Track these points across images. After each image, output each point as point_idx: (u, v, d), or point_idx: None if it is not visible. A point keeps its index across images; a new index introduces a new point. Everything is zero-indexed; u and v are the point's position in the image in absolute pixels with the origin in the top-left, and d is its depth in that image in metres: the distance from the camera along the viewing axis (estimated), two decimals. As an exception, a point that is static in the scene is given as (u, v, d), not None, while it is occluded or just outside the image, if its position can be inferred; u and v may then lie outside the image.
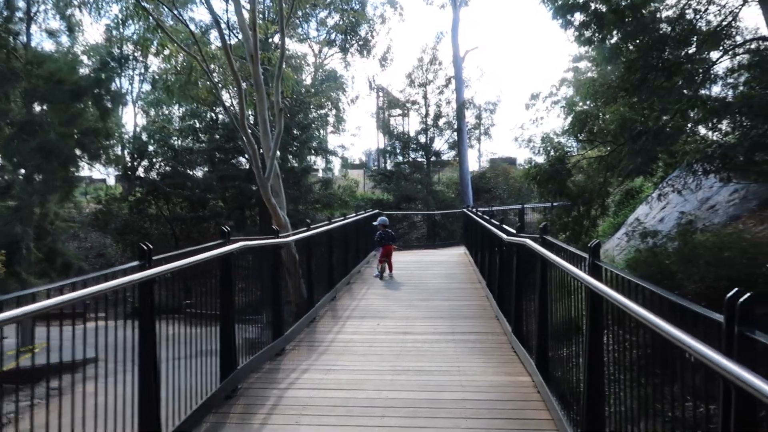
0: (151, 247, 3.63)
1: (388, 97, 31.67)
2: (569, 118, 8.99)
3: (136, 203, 25.67)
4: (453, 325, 7.40)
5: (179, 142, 26.65)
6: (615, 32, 9.29)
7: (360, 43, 32.01)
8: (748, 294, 1.81)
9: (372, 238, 12.62)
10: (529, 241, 5.05)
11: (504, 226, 7.38)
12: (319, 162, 29.36)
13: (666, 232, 13.08)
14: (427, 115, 30.16)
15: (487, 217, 9.38)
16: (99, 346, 3.10)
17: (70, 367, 2.94)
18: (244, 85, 9.22)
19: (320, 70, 33.18)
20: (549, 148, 8.90)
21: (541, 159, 9.23)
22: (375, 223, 12.06)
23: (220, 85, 11.05)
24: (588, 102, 8.74)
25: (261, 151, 10.38)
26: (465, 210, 15.83)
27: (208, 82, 9.58)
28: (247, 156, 24.88)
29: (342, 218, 10.78)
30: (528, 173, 8.90)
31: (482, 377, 5.24)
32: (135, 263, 3.59)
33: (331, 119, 32.02)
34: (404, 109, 31.17)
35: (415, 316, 8.01)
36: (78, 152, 18.80)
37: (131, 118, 51.57)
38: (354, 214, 12.73)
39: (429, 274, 12.14)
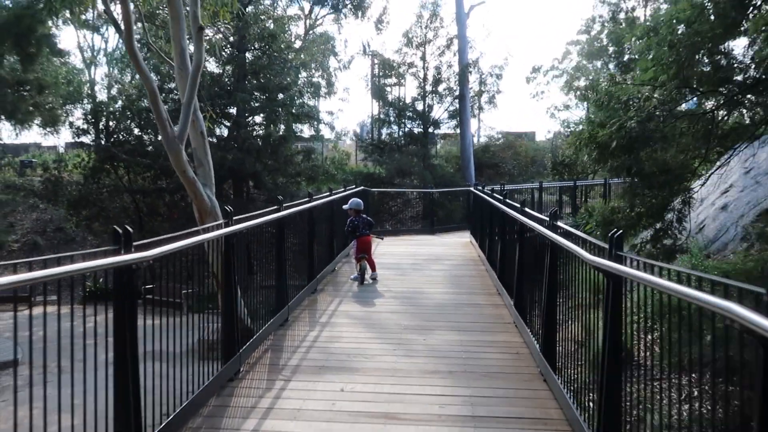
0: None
1: (382, 60, 28.04)
2: (653, 51, 5.65)
3: (91, 172, 22.36)
4: (472, 397, 4.25)
5: (142, 103, 23.19)
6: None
7: (354, 3, 28.37)
8: None
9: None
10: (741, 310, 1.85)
11: (573, 229, 4.19)
12: (306, 131, 26.03)
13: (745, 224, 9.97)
14: (425, 80, 26.72)
15: (519, 206, 6.20)
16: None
17: None
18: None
19: (311, 32, 29.66)
20: (632, 101, 5.59)
21: (598, 116, 6.02)
22: (345, 207, 8.87)
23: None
24: (682, 27, 5.52)
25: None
26: (472, 189, 12.65)
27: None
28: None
29: (306, 199, 7.58)
30: (590, 137, 5.67)
31: None
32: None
33: (318, 81, 28.46)
34: (399, 78, 27.45)
35: (407, 370, 4.85)
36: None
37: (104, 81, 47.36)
38: (328, 193, 9.47)
39: (427, 277, 8.97)
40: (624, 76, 6.15)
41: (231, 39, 23.02)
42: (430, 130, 27.18)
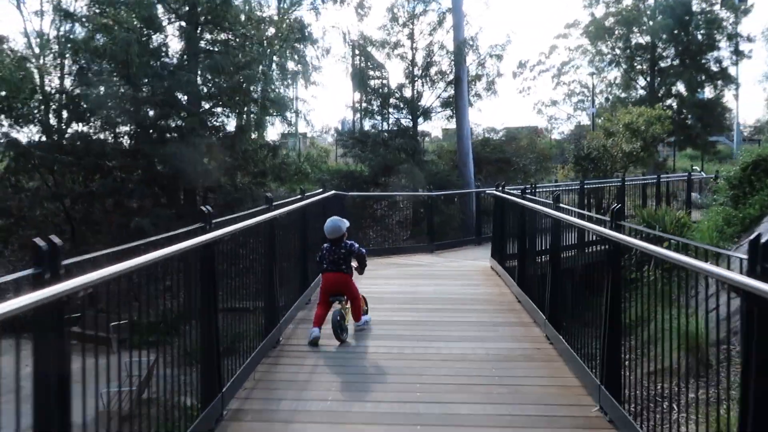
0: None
1: (364, 38, 23.74)
2: None
3: (6, 174, 18.11)
4: None
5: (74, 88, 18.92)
6: None
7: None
8: None
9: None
10: None
11: None
12: (278, 124, 21.81)
13: None
14: (413, 62, 22.70)
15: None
16: None
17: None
18: None
19: (286, 19, 25.42)
20: None
21: None
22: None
23: None
24: None
25: None
26: (496, 193, 8.63)
27: None
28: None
29: (228, 218, 3.52)
30: None
31: None
32: None
33: (294, 68, 24.06)
34: (381, 69, 22.96)
35: None
36: None
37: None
38: (266, 206, 5.35)
39: (447, 359, 4.87)
40: None
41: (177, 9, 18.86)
42: (420, 121, 23.12)
